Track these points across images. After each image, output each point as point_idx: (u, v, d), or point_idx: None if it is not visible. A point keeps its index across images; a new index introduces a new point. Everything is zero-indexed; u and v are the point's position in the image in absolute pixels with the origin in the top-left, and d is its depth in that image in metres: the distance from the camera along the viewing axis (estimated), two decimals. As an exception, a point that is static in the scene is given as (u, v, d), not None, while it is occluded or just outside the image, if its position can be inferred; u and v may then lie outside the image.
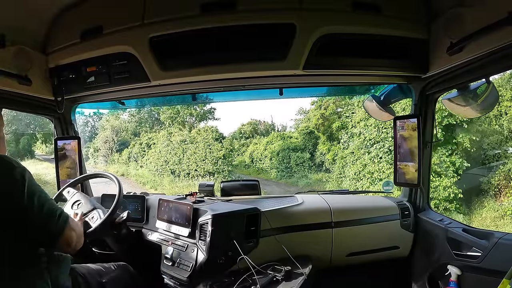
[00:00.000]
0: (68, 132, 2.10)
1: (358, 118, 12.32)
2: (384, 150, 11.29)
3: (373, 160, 11.31)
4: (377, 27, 1.51)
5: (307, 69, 1.54)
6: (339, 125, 13.59)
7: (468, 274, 1.60)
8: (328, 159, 13.84)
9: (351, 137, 12.68)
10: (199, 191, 2.00)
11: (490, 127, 10.48)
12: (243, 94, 2.14)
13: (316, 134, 15.38)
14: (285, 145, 15.66)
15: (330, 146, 14.09)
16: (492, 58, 1.29)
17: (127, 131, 17.22)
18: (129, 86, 1.72)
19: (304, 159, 14.81)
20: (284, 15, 1.47)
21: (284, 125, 20.64)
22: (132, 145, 15.89)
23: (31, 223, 1.02)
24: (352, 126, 12.63)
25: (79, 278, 1.31)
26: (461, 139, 9.49)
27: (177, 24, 1.49)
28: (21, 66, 1.55)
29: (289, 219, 1.83)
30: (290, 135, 16.98)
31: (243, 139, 18.86)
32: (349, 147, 12.60)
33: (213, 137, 14.43)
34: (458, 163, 9.39)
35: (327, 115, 14.74)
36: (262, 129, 20.05)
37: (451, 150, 9.59)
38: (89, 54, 1.65)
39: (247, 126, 19.54)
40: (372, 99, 2.13)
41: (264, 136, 18.24)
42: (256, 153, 16.98)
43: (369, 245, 1.95)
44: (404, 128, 1.86)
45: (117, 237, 1.66)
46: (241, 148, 18.30)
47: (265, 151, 16.44)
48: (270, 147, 16.29)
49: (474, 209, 9.26)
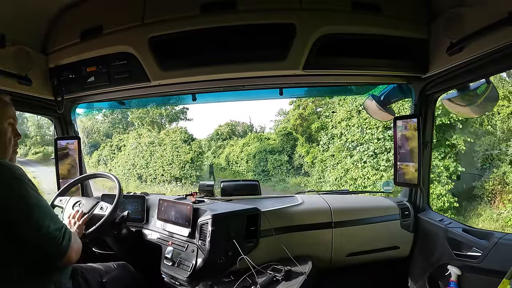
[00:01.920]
0: (68, 132, 2.10)
1: (339, 117, 11.53)
2: (369, 154, 10.38)
3: (356, 165, 10.51)
4: (377, 27, 1.51)
5: (307, 69, 1.53)
6: (318, 126, 12.88)
7: (468, 274, 1.60)
8: (307, 162, 13.15)
9: (331, 138, 11.92)
10: (199, 191, 2.00)
11: (482, 128, 9.84)
12: (243, 94, 2.14)
13: (294, 135, 14.70)
14: (262, 147, 15.00)
15: (309, 148, 13.37)
16: (492, 58, 1.29)
17: (99, 133, 16.57)
18: (129, 86, 1.72)
19: (282, 161, 14.18)
20: (284, 15, 1.47)
21: (262, 126, 20.34)
22: (103, 147, 15.02)
23: (29, 246, 0.97)
24: (333, 127, 11.88)
25: (80, 278, 1.31)
26: (455, 140, 8.84)
27: (177, 24, 1.49)
28: (21, 66, 1.55)
29: (289, 219, 1.83)
30: (268, 137, 16.34)
31: (220, 141, 18.16)
32: (329, 150, 11.86)
33: (181, 139, 13.47)
34: (452, 168, 8.68)
35: (306, 115, 14.09)
36: (240, 130, 19.54)
37: (444, 153, 8.86)
38: (89, 54, 1.64)
39: (224, 127, 18.87)
40: (372, 99, 2.13)
41: (241, 138, 17.61)
42: (232, 155, 16.20)
43: (369, 245, 1.95)
44: (407, 128, 1.86)
45: (117, 237, 1.66)
46: (217, 150, 17.58)
47: (242, 153, 15.65)
48: (246, 149, 15.56)
49: (469, 218, 8.72)
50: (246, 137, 16.85)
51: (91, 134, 16.25)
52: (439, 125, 8.59)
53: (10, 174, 0.97)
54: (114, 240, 1.68)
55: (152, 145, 13.54)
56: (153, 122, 15.72)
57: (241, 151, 15.76)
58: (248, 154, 15.28)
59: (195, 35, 1.50)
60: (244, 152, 15.58)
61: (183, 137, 13.54)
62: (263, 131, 19.45)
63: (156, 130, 14.94)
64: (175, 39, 1.53)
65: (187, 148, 13.14)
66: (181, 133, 13.74)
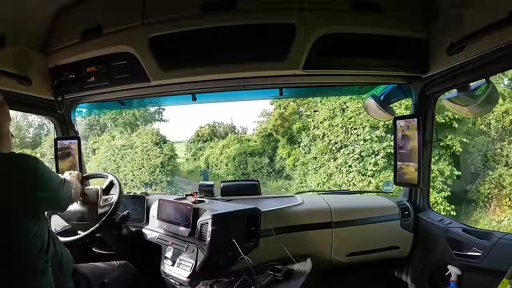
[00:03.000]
0: (68, 132, 2.10)
1: (321, 117, 10.55)
2: (354, 157, 9.35)
3: (340, 169, 9.52)
4: (377, 27, 1.51)
5: (307, 69, 1.53)
6: (299, 126, 11.89)
7: (468, 274, 1.60)
8: (288, 165, 12.27)
9: (312, 140, 10.90)
10: (199, 191, 2.00)
11: (475, 127, 9.10)
12: (243, 94, 2.14)
13: (275, 136, 13.77)
14: (242, 149, 14.10)
15: (290, 150, 12.40)
16: (492, 58, 1.28)
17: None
18: (129, 86, 1.72)
19: (263, 164, 13.39)
20: (284, 15, 1.46)
21: (244, 128, 19.41)
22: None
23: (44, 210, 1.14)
24: (315, 127, 10.86)
25: (81, 278, 1.31)
26: (450, 141, 8.13)
27: (177, 24, 1.49)
28: (21, 66, 1.55)
29: (289, 219, 1.83)
30: (248, 138, 15.44)
31: (201, 143, 17.22)
32: (310, 152, 10.86)
33: (152, 141, 12.56)
34: (447, 172, 7.91)
35: (287, 116, 13.29)
36: (222, 131, 18.67)
37: (438, 155, 8.09)
38: (89, 54, 1.65)
39: (205, 128, 17.95)
40: (372, 99, 2.13)
41: (223, 139, 16.63)
42: (211, 158, 15.31)
43: (369, 245, 1.95)
44: (410, 128, 1.86)
45: (117, 236, 1.66)
46: (198, 152, 16.66)
47: (221, 156, 14.81)
48: (226, 151, 14.70)
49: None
50: (226, 138, 15.96)
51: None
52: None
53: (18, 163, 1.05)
54: (114, 240, 1.68)
55: (124, 148, 12.79)
56: (126, 123, 14.63)
57: (221, 153, 14.89)
58: (227, 157, 14.45)
59: (195, 35, 1.50)
60: (223, 154, 14.69)
61: (155, 139, 12.65)
62: (245, 132, 18.60)
63: (128, 132, 14.03)
64: (175, 39, 1.52)
65: (158, 151, 12.28)
66: (152, 135, 12.85)
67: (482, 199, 8.25)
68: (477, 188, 8.40)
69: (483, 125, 9.23)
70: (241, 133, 18.57)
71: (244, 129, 19.38)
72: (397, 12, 1.51)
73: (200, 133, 17.69)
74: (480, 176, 8.64)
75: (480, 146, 8.95)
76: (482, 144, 8.98)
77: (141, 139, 12.81)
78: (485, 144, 8.99)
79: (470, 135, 8.99)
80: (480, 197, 8.29)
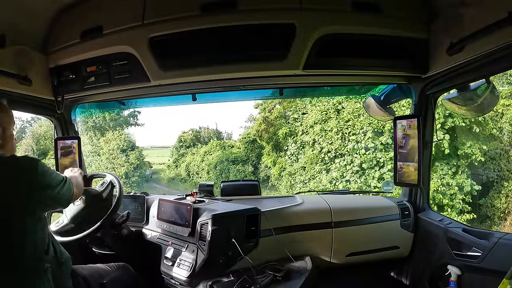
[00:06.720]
0: (68, 132, 2.10)
1: (311, 120, 8.71)
2: (354, 169, 7.33)
3: (335, 185, 7.57)
4: (377, 27, 1.51)
5: (307, 69, 1.53)
6: (286, 132, 10.20)
7: (468, 274, 1.60)
8: (274, 174, 10.83)
9: (301, 147, 9.04)
10: (199, 191, 2.00)
11: (486, 132, 7.34)
12: (243, 94, 2.14)
13: (259, 143, 12.44)
14: (224, 155, 13.02)
15: (276, 158, 10.98)
16: (492, 58, 1.28)
17: (51, 139, 15.50)
18: (129, 86, 1.72)
19: (246, 173, 12.21)
20: (284, 15, 1.46)
21: (230, 133, 18.62)
22: (50, 156, 12.58)
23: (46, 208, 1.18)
24: (303, 133, 9.00)
25: (80, 280, 1.31)
26: (469, 149, 6.36)
27: (177, 24, 1.49)
28: (21, 66, 1.54)
29: (289, 219, 1.83)
30: (232, 144, 14.39)
31: (183, 149, 16.15)
32: (298, 161, 9.09)
33: (119, 148, 11.25)
34: (467, 187, 6.16)
35: (272, 120, 11.75)
36: (205, 137, 17.66)
37: (456, 167, 6.36)
38: (89, 54, 1.64)
39: (188, 133, 16.97)
40: (372, 99, 2.13)
41: (205, 145, 15.64)
42: (193, 165, 14.25)
43: (369, 245, 1.95)
44: (411, 128, 1.86)
45: (117, 236, 1.66)
46: (180, 158, 15.67)
47: (203, 163, 13.79)
48: (207, 158, 13.68)
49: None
50: (208, 144, 14.97)
51: (43, 140, 14.10)
52: (451, 128, 6.22)
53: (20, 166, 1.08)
54: (114, 240, 1.68)
55: (92, 155, 11.77)
56: (95, 127, 13.13)
57: (202, 160, 13.89)
58: (209, 164, 13.36)
59: (196, 35, 1.50)
60: (205, 161, 13.71)
61: (122, 146, 11.20)
62: (230, 137, 17.63)
63: (97, 137, 12.68)
64: (175, 39, 1.52)
65: (123, 160, 10.89)
66: (120, 141, 11.52)
67: (498, 215, 6.92)
68: (492, 202, 7.00)
69: (494, 129, 7.60)
70: (226, 138, 17.61)
71: (229, 135, 18.59)
72: (397, 12, 1.51)
73: (183, 138, 16.64)
74: (493, 187, 7.27)
75: (493, 153, 7.42)
76: (494, 151, 7.47)
77: (109, 145, 11.54)
78: (498, 150, 7.47)
79: (478, 139, 7.25)
80: (496, 212, 6.94)
